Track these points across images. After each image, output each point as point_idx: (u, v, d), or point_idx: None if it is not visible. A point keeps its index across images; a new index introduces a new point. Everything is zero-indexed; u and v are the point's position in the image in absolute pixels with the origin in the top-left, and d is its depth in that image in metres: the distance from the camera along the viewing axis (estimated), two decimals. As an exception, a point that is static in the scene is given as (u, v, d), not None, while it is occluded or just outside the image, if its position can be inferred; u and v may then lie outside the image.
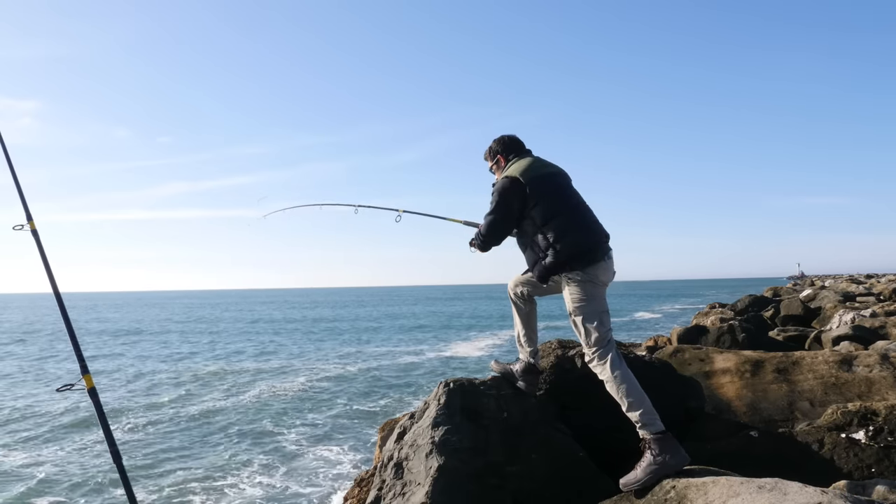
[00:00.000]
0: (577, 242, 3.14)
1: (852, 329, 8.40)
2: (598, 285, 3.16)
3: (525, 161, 3.38)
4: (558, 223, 3.16)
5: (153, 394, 15.55)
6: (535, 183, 3.25)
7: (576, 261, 3.13)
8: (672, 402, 3.68)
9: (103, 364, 21.66)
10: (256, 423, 11.90)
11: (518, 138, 3.61)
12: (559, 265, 3.15)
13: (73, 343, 3.19)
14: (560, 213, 3.20)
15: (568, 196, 3.33)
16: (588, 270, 3.13)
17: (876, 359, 4.65)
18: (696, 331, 9.60)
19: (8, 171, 3.60)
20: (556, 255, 3.13)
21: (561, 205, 3.24)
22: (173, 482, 8.41)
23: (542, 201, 3.22)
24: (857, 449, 3.36)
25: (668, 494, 2.61)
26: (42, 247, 3.36)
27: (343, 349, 26.17)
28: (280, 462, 9.24)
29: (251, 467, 9.02)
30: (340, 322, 45.76)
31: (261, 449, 10.06)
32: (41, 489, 8.23)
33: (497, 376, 3.77)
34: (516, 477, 3.17)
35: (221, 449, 10.12)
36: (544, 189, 3.25)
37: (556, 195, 3.27)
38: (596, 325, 3.09)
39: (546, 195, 3.24)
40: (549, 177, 3.32)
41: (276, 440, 10.61)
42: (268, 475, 8.60)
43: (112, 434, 3.03)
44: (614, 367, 3.03)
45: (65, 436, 11.07)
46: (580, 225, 3.21)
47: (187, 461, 9.44)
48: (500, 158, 3.58)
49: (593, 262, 3.14)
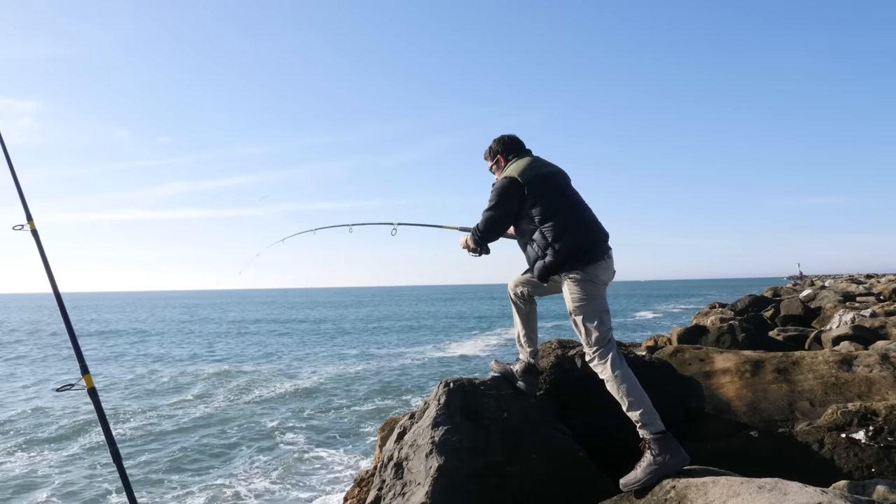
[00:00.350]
0: (577, 241, 3.14)
1: (852, 329, 8.40)
2: (597, 284, 3.16)
3: (524, 161, 3.39)
4: (557, 222, 3.17)
5: (153, 394, 15.55)
6: (533, 182, 3.26)
7: (575, 260, 3.13)
8: (672, 402, 3.68)
9: (103, 364, 21.67)
10: (256, 424, 11.90)
11: (518, 138, 3.62)
12: (558, 264, 3.16)
13: (72, 343, 3.19)
14: (559, 213, 3.21)
15: (567, 195, 3.34)
16: (588, 269, 3.14)
17: (876, 359, 4.64)
18: (696, 331, 9.60)
19: (8, 171, 3.60)
20: (556, 255, 3.14)
21: (560, 204, 3.25)
22: (173, 482, 8.41)
23: (540, 201, 3.23)
24: (857, 449, 3.36)
25: (668, 494, 2.62)
26: (42, 247, 3.36)
27: (343, 349, 26.17)
28: (280, 462, 9.24)
29: (251, 467, 9.02)
30: (340, 322, 45.75)
31: (261, 449, 10.06)
32: (41, 489, 8.23)
33: (497, 376, 3.77)
34: (516, 477, 3.17)
35: (221, 449, 10.12)
36: (543, 189, 3.26)
37: (554, 195, 3.28)
38: (596, 325, 3.09)
39: (545, 195, 3.25)
40: (547, 176, 3.33)
41: (276, 440, 10.61)
42: (268, 475, 8.60)
43: (112, 434, 3.03)
44: (615, 366, 3.03)
45: (65, 436, 11.07)
46: (579, 224, 3.22)
47: (187, 461, 9.44)
48: (499, 158, 3.59)
49: (593, 261, 3.15)
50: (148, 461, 9.43)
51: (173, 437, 10.98)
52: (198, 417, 12.55)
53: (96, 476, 8.66)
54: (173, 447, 10.26)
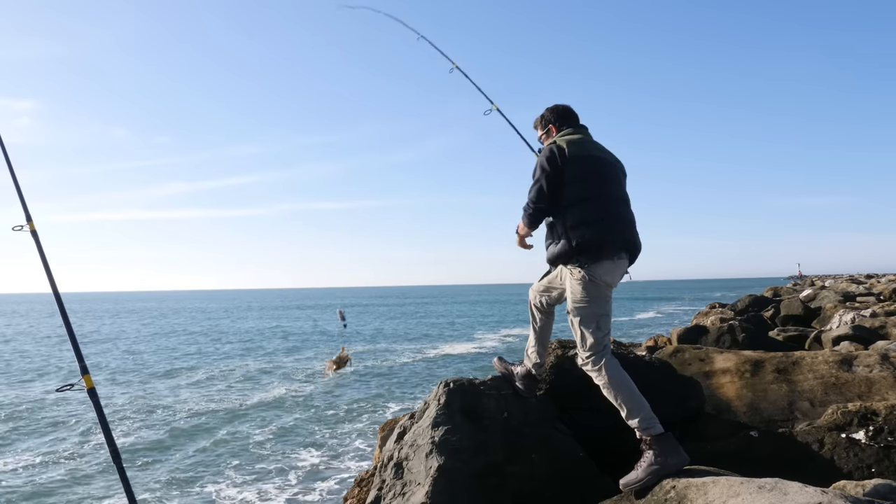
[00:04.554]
0: (592, 234, 2.94)
1: (852, 329, 8.40)
2: (600, 286, 2.99)
3: (576, 136, 3.17)
4: (580, 210, 2.98)
5: (153, 394, 15.54)
6: (576, 160, 3.04)
7: (583, 254, 2.96)
8: (672, 402, 3.68)
9: (103, 364, 21.66)
10: (256, 424, 11.89)
11: (573, 110, 3.36)
12: (566, 253, 2.99)
13: (72, 343, 3.19)
14: (587, 200, 2.99)
15: (605, 185, 3.08)
16: (593, 268, 2.96)
17: (876, 359, 4.64)
18: (696, 331, 9.59)
19: (7, 171, 3.60)
20: (567, 242, 2.97)
21: (592, 191, 3.02)
22: (173, 482, 8.41)
23: (576, 181, 3.01)
24: (857, 449, 3.36)
25: (669, 494, 2.61)
26: (42, 247, 3.36)
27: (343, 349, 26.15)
28: (280, 462, 9.24)
29: (251, 468, 9.02)
30: (340, 322, 45.65)
31: (261, 449, 10.05)
32: (41, 489, 8.23)
33: (498, 376, 3.76)
34: (516, 477, 3.17)
35: (221, 449, 10.12)
36: (583, 170, 3.04)
37: (592, 180, 3.04)
38: (592, 330, 2.98)
39: (582, 177, 3.03)
40: (591, 159, 3.10)
41: (276, 440, 10.61)
42: (267, 475, 8.60)
43: (112, 434, 3.02)
44: (609, 373, 2.94)
45: (64, 436, 11.07)
46: (602, 217, 2.99)
47: (187, 461, 9.44)
48: (551, 128, 3.35)
49: (599, 259, 2.96)
50: (147, 461, 9.43)
51: (173, 437, 10.97)
52: (198, 417, 12.54)
53: (96, 476, 8.66)
54: (173, 447, 10.26)
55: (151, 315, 61.59)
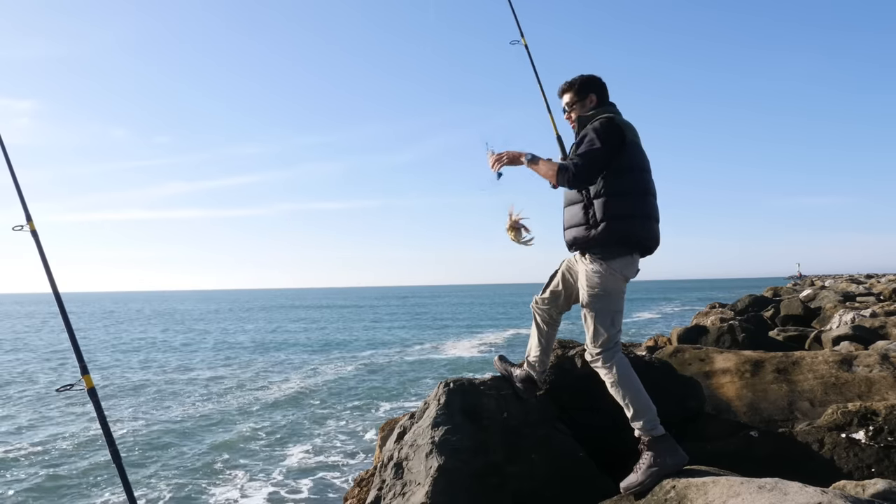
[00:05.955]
0: (632, 230, 2.86)
1: (852, 329, 8.41)
2: (619, 279, 2.92)
3: (625, 120, 2.98)
4: (627, 203, 2.85)
5: (153, 394, 15.53)
6: (631, 147, 2.88)
7: (608, 247, 2.87)
8: (672, 402, 3.68)
9: (103, 364, 21.66)
10: (256, 424, 11.89)
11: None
12: (593, 241, 2.87)
13: (72, 343, 3.19)
14: (632, 194, 2.87)
15: (648, 179, 2.97)
16: (616, 261, 2.88)
17: (876, 359, 4.64)
18: (696, 331, 9.59)
19: (7, 171, 3.60)
20: (598, 233, 2.85)
21: (639, 185, 2.90)
22: (173, 482, 8.41)
23: (625, 171, 2.86)
24: (857, 449, 3.36)
25: (668, 494, 2.61)
26: (42, 248, 3.36)
27: (343, 350, 26.16)
28: (280, 462, 9.24)
29: (251, 468, 9.02)
30: (341, 322, 45.73)
31: (260, 449, 10.06)
32: (40, 489, 8.22)
33: (498, 376, 3.76)
34: (516, 477, 3.17)
35: (221, 449, 10.12)
36: (633, 160, 2.89)
37: (639, 172, 2.92)
38: (607, 326, 2.92)
39: (631, 168, 2.88)
40: (640, 149, 2.96)
41: (276, 440, 10.61)
42: (267, 475, 8.60)
43: (111, 434, 3.02)
44: (619, 371, 2.91)
45: (64, 436, 11.06)
46: (647, 214, 2.91)
47: (187, 461, 9.44)
48: (593, 98, 3.06)
49: (621, 255, 2.89)
50: (147, 461, 9.43)
51: (173, 437, 10.97)
52: (198, 418, 12.54)
53: (96, 476, 8.66)
54: (173, 447, 10.26)
55: (151, 315, 61.60)
